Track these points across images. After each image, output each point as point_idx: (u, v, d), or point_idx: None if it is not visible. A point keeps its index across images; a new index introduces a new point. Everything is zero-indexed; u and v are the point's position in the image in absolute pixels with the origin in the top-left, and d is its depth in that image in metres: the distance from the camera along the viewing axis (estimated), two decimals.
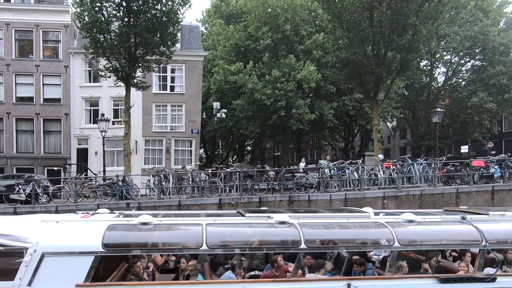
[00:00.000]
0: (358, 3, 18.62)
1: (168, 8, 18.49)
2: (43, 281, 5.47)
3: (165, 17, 18.32)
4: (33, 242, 5.53)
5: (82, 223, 6.16)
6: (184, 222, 6.29)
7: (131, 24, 18.55)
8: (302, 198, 16.54)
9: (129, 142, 19.70)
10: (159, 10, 18.66)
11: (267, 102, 28.25)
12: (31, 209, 16.29)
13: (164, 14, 18.51)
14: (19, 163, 27.60)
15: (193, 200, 16.60)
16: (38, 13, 27.79)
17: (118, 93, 28.23)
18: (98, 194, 16.83)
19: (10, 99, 27.59)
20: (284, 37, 29.60)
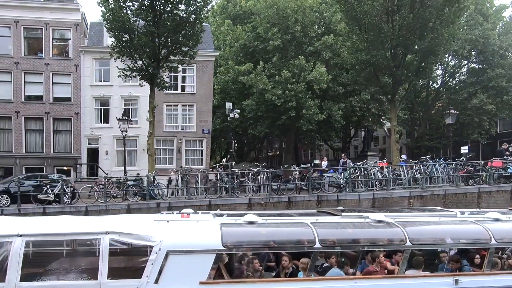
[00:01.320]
0: (380, 7, 19.01)
1: (192, 7, 18.52)
2: (168, 279, 5.63)
3: (190, 17, 18.36)
4: (157, 241, 5.67)
5: (193, 223, 6.32)
6: (289, 221, 6.50)
7: (156, 24, 18.55)
8: (330, 198, 16.85)
9: (153, 142, 19.75)
10: (183, 10, 18.70)
11: (277, 103, 28.52)
12: (60, 209, 16.22)
13: (189, 14, 18.56)
14: (28, 163, 27.26)
15: (223, 200, 16.75)
16: (47, 11, 27.49)
17: (129, 92, 28.26)
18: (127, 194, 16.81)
19: (19, 97, 27.23)
20: (293, 38, 29.90)
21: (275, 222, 6.43)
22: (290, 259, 6.49)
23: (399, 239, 6.09)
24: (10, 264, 5.42)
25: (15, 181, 17.43)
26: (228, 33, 33.00)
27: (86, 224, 6.24)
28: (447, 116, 22.81)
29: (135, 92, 28.32)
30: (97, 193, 16.87)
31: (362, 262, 6.63)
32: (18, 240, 5.50)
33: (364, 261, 6.61)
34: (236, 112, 26.55)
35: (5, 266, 5.45)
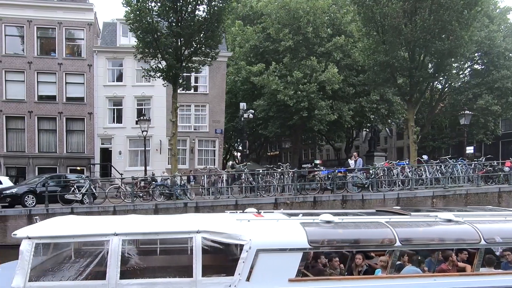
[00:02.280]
0: (400, 9, 19.28)
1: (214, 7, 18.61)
2: (259, 276, 5.79)
3: (212, 17, 18.47)
4: (247, 239, 5.83)
5: (273, 222, 6.49)
6: (364, 220, 6.70)
7: (180, 24, 18.65)
8: (355, 197, 17.08)
9: (175, 142, 19.78)
10: (204, 11, 18.78)
11: (290, 103, 28.72)
12: (88, 209, 16.31)
13: (211, 14, 18.66)
14: (42, 163, 27.23)
15: (250, 200, 16.89)
16: (60, 11, 27.46)
17: (142, 92, 28.34)
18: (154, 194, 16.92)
19: (32, 97, 27.18)
20: (304, 39, 30.11)
21: (351, 222, 6.61)
22: (364, 257, 6.70)
23: (474, 238, 6.32)
24: (109, 262, 5.56)
25: (40, 181, 17.47)
26: (238, 33, 33.14)
27: (177, 223, 6.39)
28: (461, 117, 23.18)
29: (148, 92, 28.45)
30: (123, 193, 16.93)
31: (435, 260, 6.84)
32: (115, 239, 5.65)
33: (432, 259, 6.82)
34: (251, 113, 26.69)
35: (105, 264, 5.60)
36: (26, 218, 15.92)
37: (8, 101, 26.89)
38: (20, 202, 16.58)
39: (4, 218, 15.89)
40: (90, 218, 6.87)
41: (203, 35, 18.75)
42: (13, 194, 16.58)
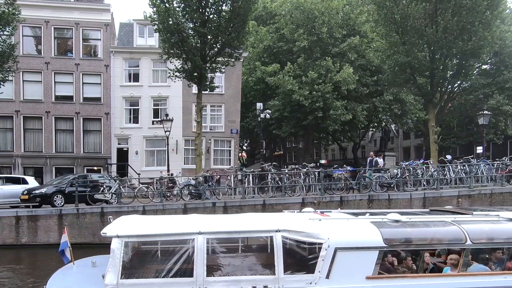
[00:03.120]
0: (422, 10, 19.43)
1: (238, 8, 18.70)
2: (338, 274, 5.94)
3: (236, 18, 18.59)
4: (325, 238, 5.97)
5: (344, 221, 6.62)
6: (430, 219, 6.84)
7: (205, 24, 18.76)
8: (381, 197, 17.23)
9: (200, 143, 19.91)
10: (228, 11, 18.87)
11: (305, 103, 28.85)
12: (118, 209, 16.43)
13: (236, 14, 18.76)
14: (59, 163, 27.34)
15: (277, 200, 17.04)
16: (77, 11, 27.56)
17: (159, 92, 28.46)
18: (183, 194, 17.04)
19: (50, 97, 27.28)
20: (319, 39, 30.25)
21: (419, 221, 6.75)
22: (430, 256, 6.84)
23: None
24: (196, 260, 5.70)
25: (68, 182, 17.58)
26: (252, 34, 33.22)
27: (256, 222, 6.53)
28: (480, 117, 23.39)
29: (165, 93, 28.58)
30: (152, 193, 17.06)
31: (503, 259, 6.96)
32: (200, 237, 5.78)
33: (499, 258, 6.96)
34: (267, 113, 26.83)
35: (190, 261, 5.74)
36: (56, 218, 16.07)
37: (25, 102, 26.98)
38: (49, 202, 16.71)
39: (35, 218, 16.00)
40: (160, 218, 7.00)
41: (228, 35, 18.82)
42: (43, 194, 16.70)
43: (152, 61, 28.43)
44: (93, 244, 16.04)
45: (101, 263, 6.85)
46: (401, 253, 6.67)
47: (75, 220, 16.14)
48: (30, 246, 15.82)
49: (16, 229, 15.90)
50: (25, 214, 15.98)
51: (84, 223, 16.14)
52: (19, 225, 15.92)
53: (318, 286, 5.92)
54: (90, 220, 16.17)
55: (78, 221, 16.14)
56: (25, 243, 15.89)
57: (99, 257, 7.18)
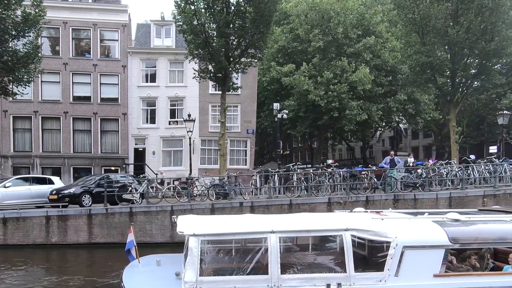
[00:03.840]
0: (445, 10, 19.51)
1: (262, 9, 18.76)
2: (406, 272, 6.04)
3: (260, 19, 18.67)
4: (393, 237, 6.08)
5: (405, 220, 6.72)
6: (489, 219, 6.94)
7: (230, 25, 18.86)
8: (407, 197, 17.29)
9: (224, 143, 20.02)
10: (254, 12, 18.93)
11: (321, 103, 28.93)
12: (147, 209, 16.57)
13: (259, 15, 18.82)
14: (76, 163, 27.52)
15: (304, 199, 17.13)
16: (95, 12, 27.73)
17: (176, 93, 28.61)
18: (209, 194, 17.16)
19: (68, 98, 27.46)
20: (334, 39, 30.35)
21: (479, 220, 6.85)
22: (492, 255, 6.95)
23: None
24: (270, 258, 5.81)
25: (95, 182, 17.72)
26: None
27: (325, 221, 6.64)
28: (500, 116, 23.40)
29: (181, 93, 28.72)
30: (179, 193, 17.19)
31: None
32: (273, 236, 5.90)
33: None
34: (284, 113, 26.93)
35: (264, 259, 5.86)
36: (86, 217, 16.20)
37: (44, 102, 27.16)
38: (77, 201, 16.84)
39: (65, 218, 16.14)
40: (226, 217, 7.13)
41: (252, 36, 18.92)
42: (71, 194, 16.82)
43: (168, 61, 28.59)
44: (121, 243, 16.18)
45: (165, 262, 7.00)
46: (464, 252, 6.77)
47: (104, 220, 16.27)
48: (60, 246, 15.96)
49: (46, 229, 16.04)
50: (55, 214, 16.12)
51: (113, 223, 16.26)
52: (49, 224, 16.06)
53: (388, 283, 6.02)
54: (119, 220, 16.29)
55: (107, 221, 16.26)
56: (55, 243, 16.02)
57: (161, 256, 7.34)
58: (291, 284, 5.82)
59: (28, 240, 15.97)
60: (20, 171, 26.98)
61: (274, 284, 5.78)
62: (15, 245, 15.87)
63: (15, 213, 16.15)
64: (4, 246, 15.82)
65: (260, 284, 5.78)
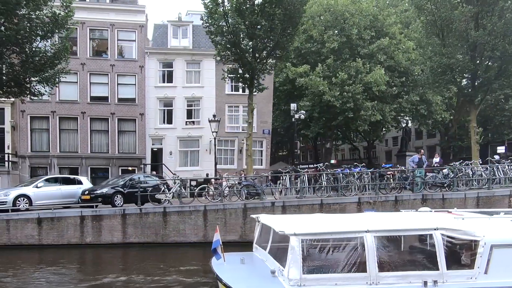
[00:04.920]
0: (468, 12, 19.81)
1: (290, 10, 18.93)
2: (495, 270, 6.27)
3: (291, 19, 18.84)
4: (481, 236, 6.30)
5: (485, 220, 6.95)
6: None
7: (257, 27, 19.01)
8: (435, 196, 17.56)
9: (251, 143, 20.17)
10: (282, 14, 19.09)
11: (336, 104, 29.17)
12: (180, 208, 16.70)
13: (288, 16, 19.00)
14: (94, 163, 27.54)
15: (334, 199, 17.33)
16: (113, 13, 27.77)
17: (192, 93, 28.73)
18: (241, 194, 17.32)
19: (85, 98, 27.47)
20: (348, 40, 30.61)
21: None
22: None
23: None
24: (367, 257, 6.01)
25: (125, 182, 17.82)
26: None
27: (414, 221, 6.85)
28: None
29: (198, 93, 28.82)
30: (212, 193, 17.34)
31: None
32: (368, 235, 6.09)
33: None
34: (302, 113, 27.14)
35: (363, 257, 6.05)
36: (120, 217, 16.29)
37: (61, 102, 27.15)
38: (110, 202, 16.93)
39: (99, 218, 16.22)
40: (317, 216, 7.32)
41: (279, 37, 19.06)
42: (104, 194, 16.91)
43: (185, 62, 28.70)
44: (155, 243, 16.34)
45: (248, 261, 7.17)
46: None
47: (138, 220, 16.38)
48: (94, 246, 16.04)
49: (81, 229, 16.11)
50: (89, 214, 16.19)
51: (146, 223, 16.37)
52: (83, 224, 16.14)
53: (478, 281, 6.24)
54: (153, 220, 16.40)
55: (141, 220, 16.37)
56: (89, 243, 16.10)
57: (236, 254, 7.51)
58: (388, 282, 6.01)
59: (62, 240, 16.04)
60: (37, 171, 27.03)
61: (372, 281, 5.98)
62: (49, 245, 15.94)
63: (49, 213, 16.23)
64: (38, 246, 15.89)
65: (359, 282, 5.97)
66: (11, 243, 15.82)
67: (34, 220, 15.93)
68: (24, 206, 16.61)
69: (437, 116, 34.32)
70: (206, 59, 28.67)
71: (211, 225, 16.60)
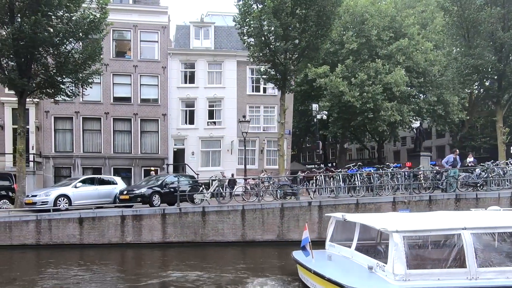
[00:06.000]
0: (496, 14, 20.03)
1: (324, 11, 19.09)
2: None
3: (327, 21, 19.01)
4: None
5: None
6: None
7: (290, 28, 19.18)
8: (469, 196, 17.76)
9: (283, 143, 20.36)
10: (316, 16, 19.24)
11: (356, 104, 29.39)
12: (218, 208, 16.86)
13: (320, 16, 19.15)
14: (117, 163, 27.67)
15: (369, 199, 17.51)
16: (136, 14, 27.93)
17: (214, 94, 28.90)
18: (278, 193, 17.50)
19: (108, 99, 27.62)
20: (367, 41, 30.84)
21: None
22: None
23: None
24: (466, 253, 6.21)
25: (162, 182, 17.99)
26: None
27: (503, 218, 7.06)
28: None
29: (220, 94, 29.00)
30: (249, 193, 17.52)
31: None
32: (466, 232, 6.29)
33: None
34: (324, 114, 27.34)
35: (461, 253, 6.24)
36: (160, 217, 16.46)
37: (85, 103, 27.26)
38: (148, 201, 17.10)
39: (139, 218, 16.38)
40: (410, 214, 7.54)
41: (312, 38, 19.23)
42: (143, 194, 17.07)
43: (207, 62, 28.87)
44: (194, 242, 16.51)
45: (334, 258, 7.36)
46: None
47: (178, 219, 16.54)
48: (134, 245, 16.20)
49: (121, 228, 16.28)
50: (130, 214, 16.35)
51: (186, 222, 16.54)
52: (124, 224, 16.30)
53: None
54: (192, 219, 16.57)
55: (180, 220, 16.54)
56: (129, 242, 16.27)
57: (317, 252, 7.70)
58: (487, 277, 6.21)
59: (103, 240, 16.20)
60: (61, 172, 27.20)
61: (472, 277, 6.18)
62: (90, 244, 16.11)
63: (91, 213, 16.39)
64: (80, 245, 16.07)
65: (460, 277, 6.17)
66: (53, 243, 15.99)
67: (76, 220, 16.10)
68: (64, 206, 16.79)
69: (454, 116, 34.56)
70: (228, 60, 28.88)
71: (249, 224, 16.81)
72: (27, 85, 17.56)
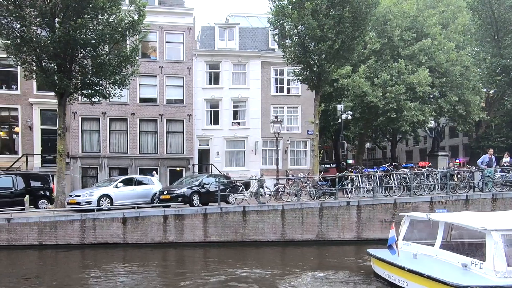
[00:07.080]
0: None
1: (358, 12, 19.23)
2: None
3: (363, 22, 19.16)
4: None
5: None
6: None
7: (323, 29, 19.32)
8: (506, 196, 17.87)
9: (317, 144, 20.55)
10: (352, 17, 19.36)
11: (379, 105, 29.48)
12: (259, 207, 17.04)
13: (358, 20, 19.31)
14: (143, 164, 27.91)
15: (407, 199, 17.66)
16: (161, 15, 28.16)
17: (239, 94, 29.08)
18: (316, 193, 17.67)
19: (135, 100, 27.87)
20: (389, 41, 30.92)
21: None
22: None
23: None
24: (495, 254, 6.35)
25: (200, 182, 18.19)
26: None
27: None
28: None
29: (244, 94, 29.18)
30: (287, 192, 17.70)
31: None
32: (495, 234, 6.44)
33: None
34: (349, 114, 27.47)
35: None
36: (201, 217, 16.65)
37: (111, 104, 27.44)
38: (188, 201, 17.31)
39: (181, 217, 16.58)
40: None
41: (348, 39, 19.38)
42: (183, 194, 17.28)
43: (232, 63, 29.07)
44: (235, 242, 16.68)
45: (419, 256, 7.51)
46: None
47: (219, 219, 16.73)
48: (176, 245, 16.39)
49: (164, 228, 16.48)
50: (172, 214, 16.55)
51: (227, 222, 16.73)
52: (166, 224, 16.50)
53: None
54: (233, 219, 16.75)
55: (221, 220, 16.72)
56: (172, 241, 16.47)
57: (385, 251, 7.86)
58: None
59: (146, 239, 16.41)
60: (88, 172, 27.49)
61: None
62: (134, 243, 16.32)
63: (134, 212, 16.60)
64: (123, 245, 16.27)
65: None
66: (97, 242, 16.21)
67: (120, 220, 16.32)
68: (106, 205, 17.03)
69: (475, 116, 34.60)
70: (252, 61, 29.07)
71: (288, 224, 16.98)
72: (69, 87, 17.79)
